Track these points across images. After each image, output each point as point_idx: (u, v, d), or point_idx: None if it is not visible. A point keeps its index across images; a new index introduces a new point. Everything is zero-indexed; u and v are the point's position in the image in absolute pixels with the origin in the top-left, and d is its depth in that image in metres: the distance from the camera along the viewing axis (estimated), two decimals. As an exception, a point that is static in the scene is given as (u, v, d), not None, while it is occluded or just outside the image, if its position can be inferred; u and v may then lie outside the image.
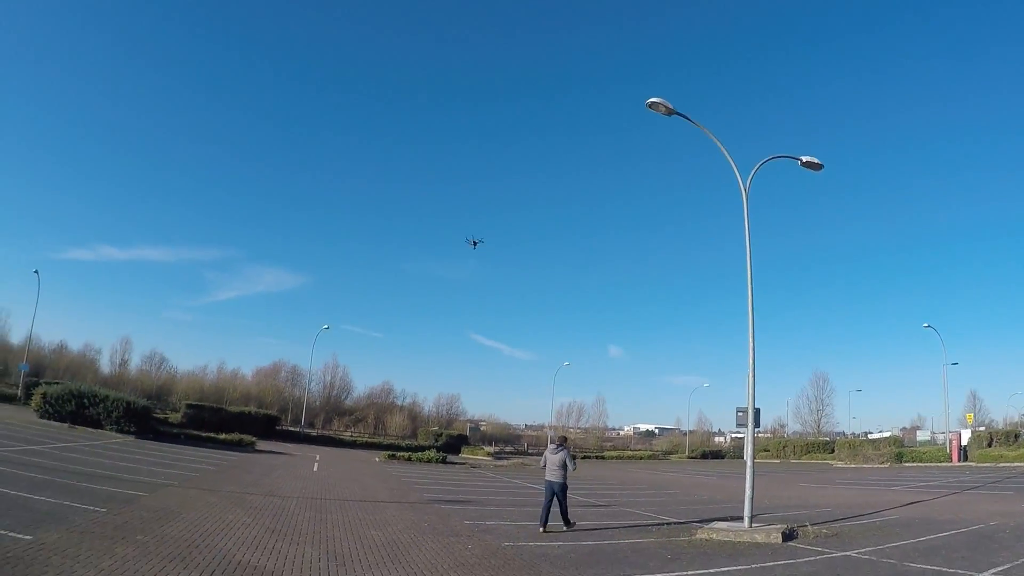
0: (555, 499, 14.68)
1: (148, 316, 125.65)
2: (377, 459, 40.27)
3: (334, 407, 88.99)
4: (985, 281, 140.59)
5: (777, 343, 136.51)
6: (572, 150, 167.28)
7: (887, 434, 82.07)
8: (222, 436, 40.08)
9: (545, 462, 15.12)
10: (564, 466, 14.79)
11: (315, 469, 29.87)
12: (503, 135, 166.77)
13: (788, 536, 13.71)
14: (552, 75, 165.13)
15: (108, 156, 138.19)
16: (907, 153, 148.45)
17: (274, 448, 42.75)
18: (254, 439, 41.38)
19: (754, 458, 15.10)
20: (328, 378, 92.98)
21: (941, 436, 77.35)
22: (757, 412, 15.33)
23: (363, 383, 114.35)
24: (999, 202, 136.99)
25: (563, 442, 15.42)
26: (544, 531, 13.87)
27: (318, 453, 43.18)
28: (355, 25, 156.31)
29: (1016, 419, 78.21)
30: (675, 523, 16.54)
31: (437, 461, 40.07)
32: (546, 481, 14.90)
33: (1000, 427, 66.88)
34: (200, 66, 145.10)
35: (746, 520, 14.38)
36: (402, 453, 42.67)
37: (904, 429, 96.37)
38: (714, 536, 13.72)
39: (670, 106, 15.31)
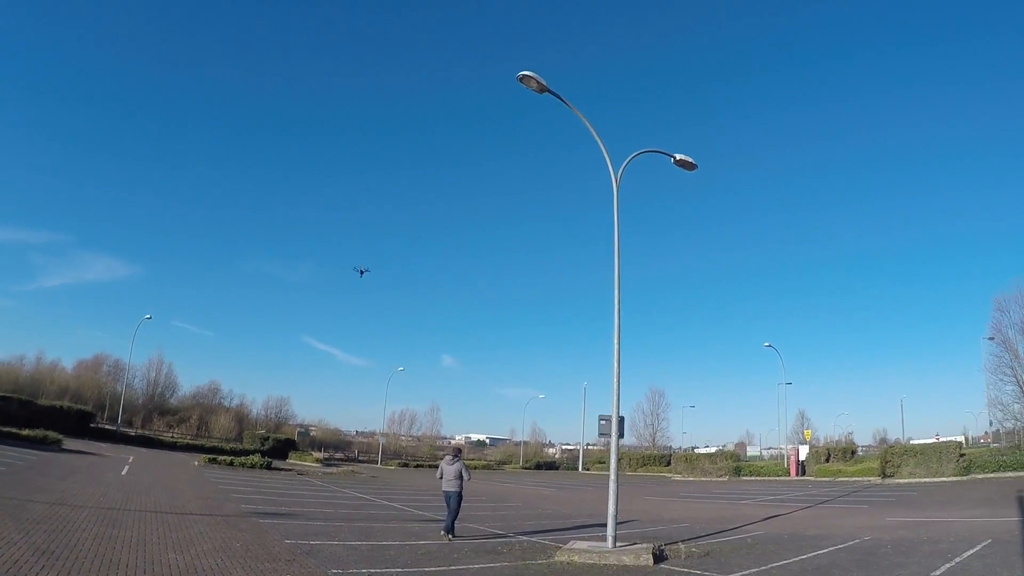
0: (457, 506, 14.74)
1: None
2: (196, 463, 36.64)
3: (157, 405, 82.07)
4: (814, 308, 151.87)
5: (608, 353, 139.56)
6: (418, 143, 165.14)
7: (712, 449, 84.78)
8: (25, 432, 34.96)
9: (442, 473, 15.00)
10: (460, 476, 14.80)
11: (123, 473, 26.32)
12: (344, 126, 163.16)
13: (658, 557, 12.47)
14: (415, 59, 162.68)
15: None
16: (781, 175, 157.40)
17: (85, 448, 37.99)
18: (60, 437, 36.32)
19: (617, 471, 13.74)
20: (152, 375, 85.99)
21: (768, 452, 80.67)
22: (621, 420, 14.11)
23: (191, 382, 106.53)
24: (843, 238, 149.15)
25: (458, 453, 15.47)
26: (449, 539, 14.14)
27: (132, 454, 38.83)
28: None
29: (837, 437, 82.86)
30: (526, 540, 14.99)
31: (261, 467, 36.99)
32: (443, 491, 14.83)
33: (822, 444, 70.20)
34: (51, 52, 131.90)
35: (609, 540, 12.96)
36: (224, 457, 39.01)
37: (733, 444, 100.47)
38: (576, 559, 12.21)
39: (542, 82, 13.92)
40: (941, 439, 61.14)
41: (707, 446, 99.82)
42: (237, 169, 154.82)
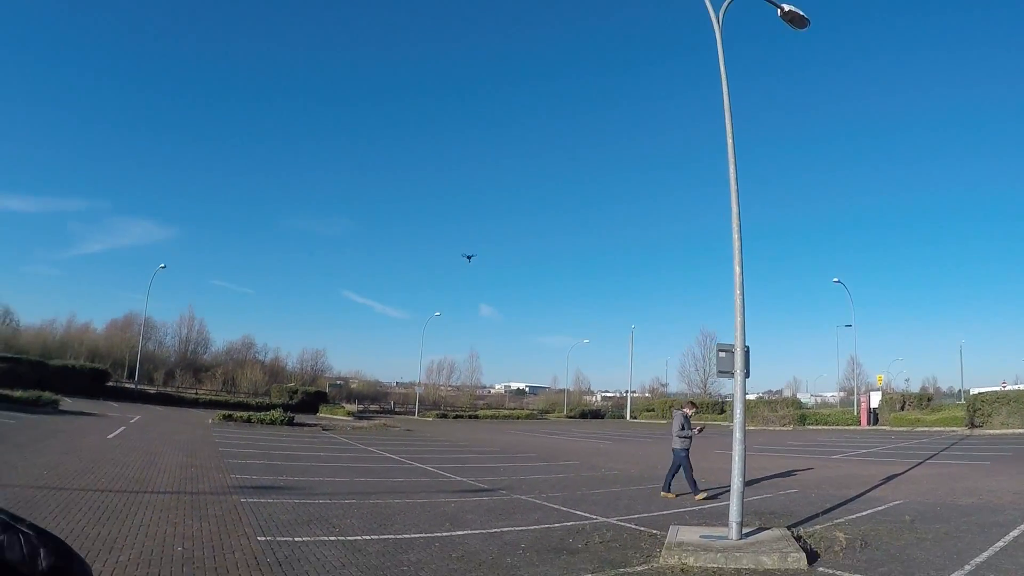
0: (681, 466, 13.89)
1: (5, 269, 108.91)
2: (210, 420, 32.87)
3: (190, 362, 79.73)
4: (868, 247, 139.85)
5: (653, 297, 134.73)
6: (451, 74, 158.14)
7: (752, 397, 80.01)
8: (17, 394, 31.46)
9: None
10: (675, 431, 14.15)
11: (111, 436, 22.42)
12: (378, 76, 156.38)
13: (810, 555, 7.95)
14: None
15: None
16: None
17: (89, 408, 34.36)
18: (57, 398, 32.77)
19: (744, 427, 9.02)
20: (184, 332, 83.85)
21: (813, 399, 75.20)
22: (747, 352, 9.44)
23: (229, 340, 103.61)
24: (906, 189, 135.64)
25: (686, 407, 15.24)
26: (668, 495, 13.62)
27: (141, 413, 35.35)
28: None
29: (884, 384, 77.05)
30: (603, 523, 10.48)
31: (282, 422, 33.12)
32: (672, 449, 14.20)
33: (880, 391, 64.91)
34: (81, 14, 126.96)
35: (733, 528, 8.47)
36: (241, 413, 35.13)
37: (783, 391, 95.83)
38: (690, 561, 7.70)
39: None
40: (1008, 387, 55.96)
41: (747, 393, 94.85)
42: (265, 131, 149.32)
